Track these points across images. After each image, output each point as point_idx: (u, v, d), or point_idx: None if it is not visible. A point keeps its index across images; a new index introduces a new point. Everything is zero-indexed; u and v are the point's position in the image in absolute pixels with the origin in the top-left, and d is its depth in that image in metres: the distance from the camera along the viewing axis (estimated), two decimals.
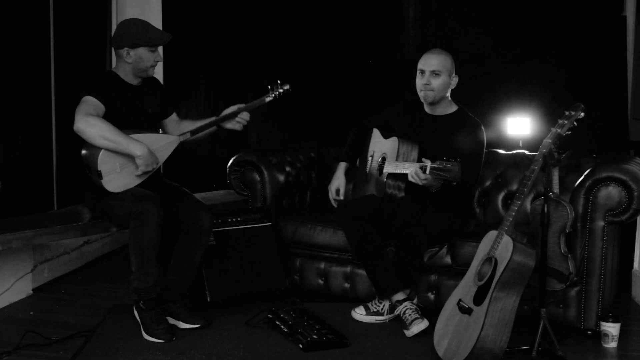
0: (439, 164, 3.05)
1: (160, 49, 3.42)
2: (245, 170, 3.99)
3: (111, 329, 3.30)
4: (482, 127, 3.45)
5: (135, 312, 3.27)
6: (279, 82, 3.57)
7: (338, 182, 3.72)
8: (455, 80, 3.47)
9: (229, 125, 3.58)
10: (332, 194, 3.73)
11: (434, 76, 3.40)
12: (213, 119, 3.57)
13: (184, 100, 5.32)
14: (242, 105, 3.57)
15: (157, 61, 3.38)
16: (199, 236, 3.36)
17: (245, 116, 3.55)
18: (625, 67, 4.69)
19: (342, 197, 3.69)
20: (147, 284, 3.20)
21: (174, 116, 3.65)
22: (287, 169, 4.10)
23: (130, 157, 3.22)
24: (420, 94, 3.47)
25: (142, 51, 3.31)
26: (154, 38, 3.33)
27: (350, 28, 5.04)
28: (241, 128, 3.59)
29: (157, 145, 3.30)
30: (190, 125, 3.58)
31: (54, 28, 4.15)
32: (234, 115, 3.54)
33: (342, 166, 3.75)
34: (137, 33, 3.31)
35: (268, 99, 3.57)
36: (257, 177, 3.97)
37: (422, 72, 3.43)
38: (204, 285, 3.52)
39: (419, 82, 3.45)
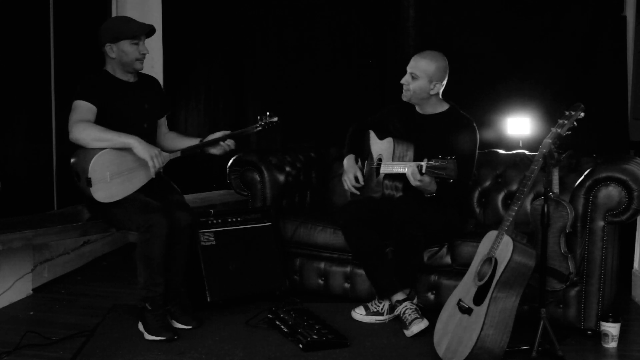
0: (435, 162, 3.06)
1: (150, 41, 3.40)
2: (245, 170, 4.00)
3: (111, 329, 3.30)
4: (475, 124, 3.45)
5: (140, 317, 3.25)
6: (267, 113, 3.61)
7: (353, 169, 3.64)
8: (438, 86, 3.42)
9: (212, 150, 3.55)
10: (351, 182, 3.61)
11: (412, 78, 3.41)
12: (198, 142, 3.53)
13: (184, 100, 5.32)
14: (227, 132, 3.56)
15: (143, 53, 3.33)
16: (178, 234, 3.34)
17: (230, 143, 3.53)
18: (625, 67, 4.69)
19: (362, 183, 3.61)
20: (156, 293, 3.21)
21: (164, 120, 3.61)
22: (287, 169, 4.10)
23: (121, 168, 3.21)
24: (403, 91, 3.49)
25: (123, 44, 3.30)
26: (133, 29, 3.31)
27: (350, 28, 5.04)
28: (222, 153, 3.56)
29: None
30: (176, 138, 3.60)
31: (54, 28, 4.15)
32: (217, 141, 3.53)
33: (350, 157, 3.71)
34: (115, 27, 3.33)
35: (257, 129, 3.60)
36: (257, 177, 3.97)
37: (406, 71, 3.45)
38: (204, 285, 3.52)
39: (402, 80, 3.47)
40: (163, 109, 3.60)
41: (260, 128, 3.60)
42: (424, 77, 3.40)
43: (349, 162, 3.68)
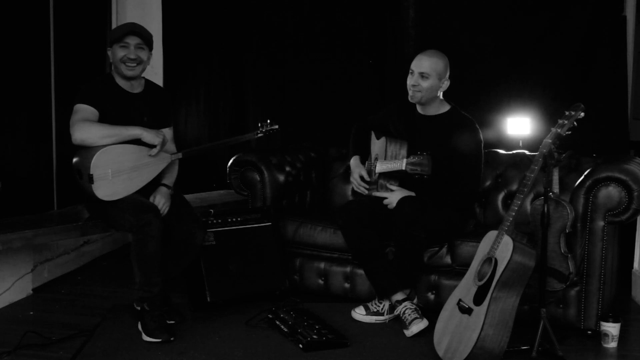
0: (413, 159, 3.18)
1: (146, 49, 3.35)
2: (245, 170, 3.99)
3: (111, 329, 3.30)
4: (477, 126, 3.44)
5: (139, 318, 3.24)
6: (268, 121, 3.63)
7: (358, 169, 3.63)
8: (446, 84, 3.43)
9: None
10: (358, 182, 3.59)
11: (422, 78, 3.39)
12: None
13: (185, 100, 5.33)
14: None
15: (130, 58, 3.29)
16: (189, 249, 3.38)
17: (165, 208, 3.37)
18: (625, 67, 4.69)
19: (369, 179, 3.58)
20: (152, 294, 3.20)
21: (168, 131, 3.50)
22: (287, 169, 4.10)
23: (123, 166, 3.20)
24: (409, 93, 3.46)
25: (114, 49, 3.31)
26: (117, 32, 3.34)
27: (350, 28, 5.04)
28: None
29: (150, 159, 3.30)
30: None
31: (54, 28, 4.15)
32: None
33: (355, 158, 3.71)
34: (110, 33, 3.41)
35: (258, 135, 3.62)
36: (257, 177, 3.97)
37: (412, 72, 3.43)
38: (204, 285, 3.52)
39: (408, 81, 3.45)
40: (162, 122, 3.49)
41: (261, 135, 3.62)
42: (434, 76, 3.38)
43: (354, 162, 3.70)
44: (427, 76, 3.38)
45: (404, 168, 3.27)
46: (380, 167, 3.47)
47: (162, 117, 3.50)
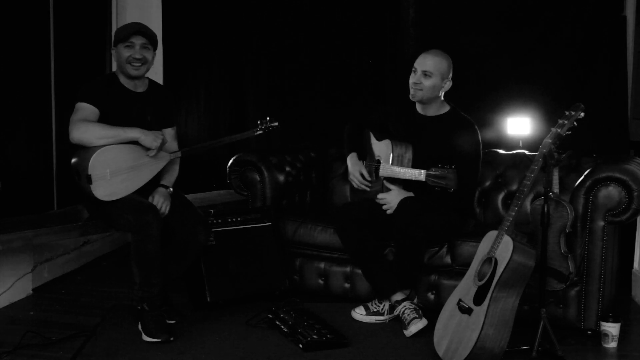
0: (434, 171, 3.10)
1: (150, 49, 3.35)
2: (245, 170, 3.99)
3: (111, 329, 3.30)
4: (476, 127, 3.44)
5: (139, 318, 3.24)
6: (268, 118, 3.64)
7: (358, 167, 3.61)
8: (448, 85, 3.42)
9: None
10: (359, 180, 3.57)
11: (425, 77, 3.37)
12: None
13: (185, 100, 5.33)
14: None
15: (136, 58, 3.29)
16: (192, 248, 3.38)
17: (165, 208, 3.35)
18: (625, 67, 4.70)
19: (369, 177, 3.57)
20: (152, 294, 3.21)
21: (170, 131, 3.50)
22: (287, 169, 4.10)
23: (121, 166, 3.21)
24: (411, 91, 3.45)
25: (119, 48, 3.31)
26: (122, 31, 3.34)
27: (350, 28, 5.05)
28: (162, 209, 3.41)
29: (148, 159, 3.30)
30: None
31: (54, 28, 4.15)
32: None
33: (353, 155, 3.68)
34: (116, 32, 3.40)
35: (257, 133, 3.63)
36: (257, 177, 3.97)
37: (415, 70, 3.42)
38: (204, 285, 3.52)
39: (411, 79, 3.43)
40: (165, 122, 3.49)
41: (260, 132, 3.62)
42: (437, 75, 3.37)
43: (352, 160, 3.66)
44: (429, 75, 3.37)
45: (423, 179, 3.17)
46: (387, 171, 3.40)
47: (165, 116, 3.50)
